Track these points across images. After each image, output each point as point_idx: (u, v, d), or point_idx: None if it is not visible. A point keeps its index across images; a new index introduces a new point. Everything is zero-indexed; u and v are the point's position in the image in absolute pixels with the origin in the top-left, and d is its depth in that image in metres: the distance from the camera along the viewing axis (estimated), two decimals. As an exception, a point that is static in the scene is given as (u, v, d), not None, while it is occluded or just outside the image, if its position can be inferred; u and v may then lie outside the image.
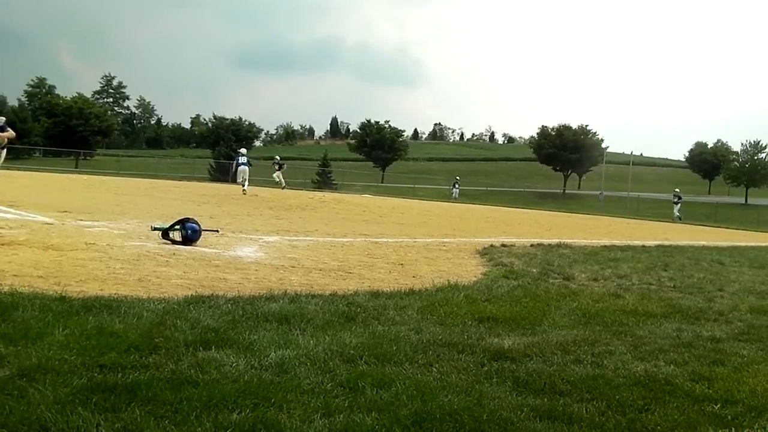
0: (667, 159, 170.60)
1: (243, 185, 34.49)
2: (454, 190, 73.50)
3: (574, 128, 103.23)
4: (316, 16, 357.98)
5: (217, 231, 12.04)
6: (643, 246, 17.76)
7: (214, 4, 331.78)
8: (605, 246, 16.81)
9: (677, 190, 57.95)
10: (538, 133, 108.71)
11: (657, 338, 6.18)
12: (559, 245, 15.34)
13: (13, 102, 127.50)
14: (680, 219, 52.38)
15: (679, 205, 54.36)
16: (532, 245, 14.90)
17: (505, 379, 4.49)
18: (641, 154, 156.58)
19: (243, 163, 35.89)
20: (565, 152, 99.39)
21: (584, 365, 4.99)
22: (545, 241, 16.52)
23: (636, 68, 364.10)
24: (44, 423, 3.17)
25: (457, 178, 79.63)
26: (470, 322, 6.15)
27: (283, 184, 45.18)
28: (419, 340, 5.28)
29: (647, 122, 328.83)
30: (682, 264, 13.47)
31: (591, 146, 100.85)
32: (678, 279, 10.95)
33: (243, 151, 38.79)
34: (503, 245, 14.23)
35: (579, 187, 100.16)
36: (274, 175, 46.37)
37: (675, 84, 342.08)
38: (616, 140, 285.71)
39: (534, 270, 10.57)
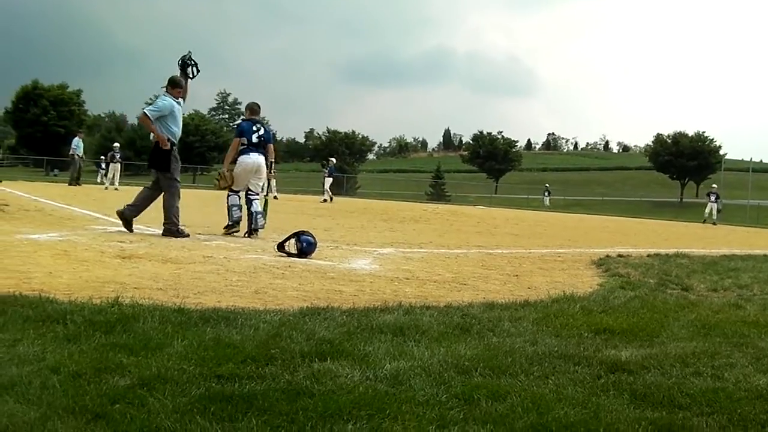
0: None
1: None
2: (545, 198, 72.64)
3: (690, 135, 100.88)
4: (426, 27, 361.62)
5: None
6: (765, 255, 17.05)
7: (326, 20, 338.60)
8: (725, 255, 16.20)
9: (714, 186, 51.82)
10: (653, 141, 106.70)
11: (781, 350, 5.94)
12: (676, 255, 14.88)
13: (132, 120, 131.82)
14: (714, 223, 45.94)
15: (716, 204, 47.56)
16: (648, 255, 14.50)
17: (622, 392, 4.37)
18: (761, 161, 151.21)
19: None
20: (682, 160, 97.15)
21: (704, 378, 4.81)
22: (662, 251, 16.05)
23: (755, 72, 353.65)
24: (163, 431, 3.25)
25: (547, 185, 78.54)
26: (586, 334, 6.01)
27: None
28: (534, 352, 5.19)
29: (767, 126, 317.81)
30: (808, 273, 12.91)
31: (708, 153, 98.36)
32: (803, 288, 10.50)
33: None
34: (619, 255, 13.90)
35: (697, 196, 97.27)
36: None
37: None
38: (734, 147, 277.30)
39: (651, 280, 10.29)
